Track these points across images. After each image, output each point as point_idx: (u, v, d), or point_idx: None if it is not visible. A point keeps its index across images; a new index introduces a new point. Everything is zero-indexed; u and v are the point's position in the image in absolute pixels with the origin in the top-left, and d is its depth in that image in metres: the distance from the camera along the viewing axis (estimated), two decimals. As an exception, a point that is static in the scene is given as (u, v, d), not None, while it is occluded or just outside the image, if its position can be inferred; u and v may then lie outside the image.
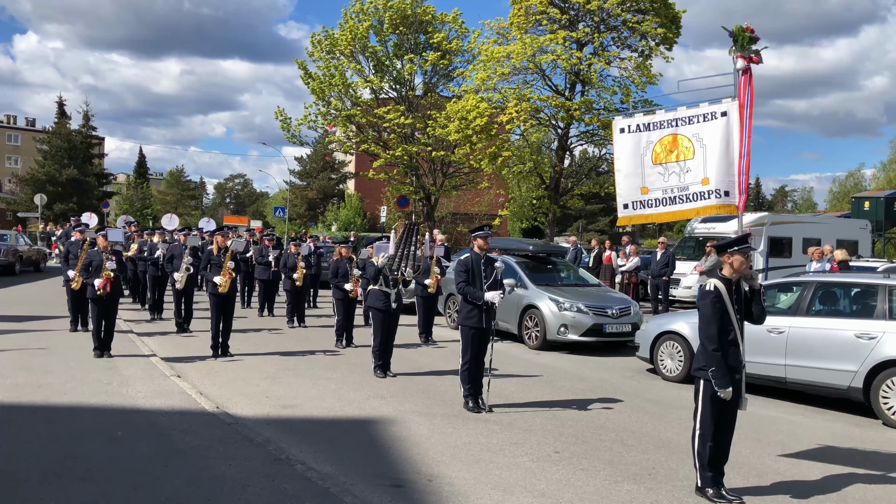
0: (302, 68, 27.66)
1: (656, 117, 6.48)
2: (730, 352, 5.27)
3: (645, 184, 6.49)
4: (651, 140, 6.45)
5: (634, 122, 6.61)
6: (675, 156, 6.27)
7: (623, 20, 22.60)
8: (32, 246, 26.05)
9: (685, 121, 6.28)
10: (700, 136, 6.20)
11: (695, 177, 6.24)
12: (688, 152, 6.22)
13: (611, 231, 63.86)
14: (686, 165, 6.25)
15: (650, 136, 6.46)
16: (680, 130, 6.30)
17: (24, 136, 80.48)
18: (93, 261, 9.93)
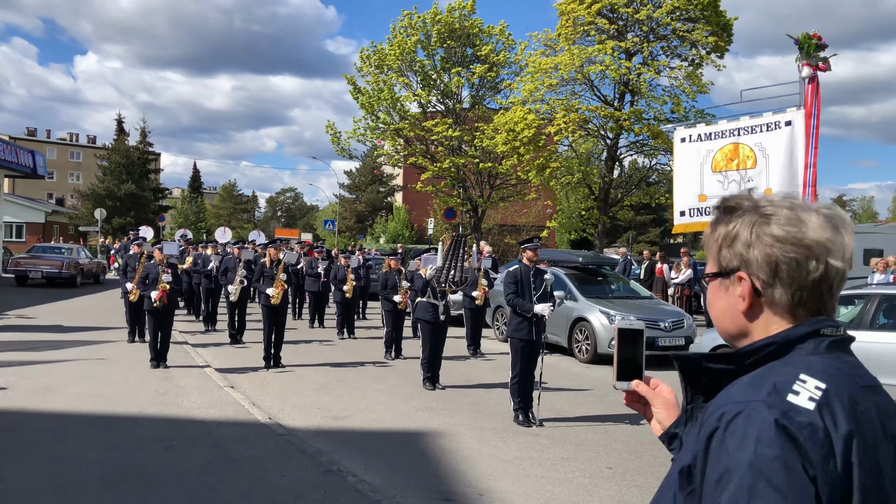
0: (351, 83, 28.02)
1: (718, 127, 6.38)
2: None
3: (703, 191, 6.41)
4: (711, 149, 6.33)
5: (696, 132, 6.53)
6: (736, 164, 6.17)
7: (673, 29, 22.31)
8: (93, 259, 26.90)
9: (747, 130, 6.14)
10: (763, 145, 6.03)
11: (756, 186, 6.04)
12: (749, 162, 6.09)
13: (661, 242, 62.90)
14: (747, 175, 6.12)
15: (711, 144, 6.35)
16: (742, 140, 6.16)
17: (86, 153, 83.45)
18: (149, 273, 10.19)
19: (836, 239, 1.19)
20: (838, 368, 1.16)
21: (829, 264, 1.18)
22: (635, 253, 32.76)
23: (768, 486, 1.00)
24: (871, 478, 1.06)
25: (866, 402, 1.13)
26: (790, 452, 1.02)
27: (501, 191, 29.30)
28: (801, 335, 1.19)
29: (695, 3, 21.60)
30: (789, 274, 1.18)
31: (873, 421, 1.11)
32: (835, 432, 1.05)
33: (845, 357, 1.21)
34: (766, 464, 1.01)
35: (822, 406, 1.07)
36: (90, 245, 38.28)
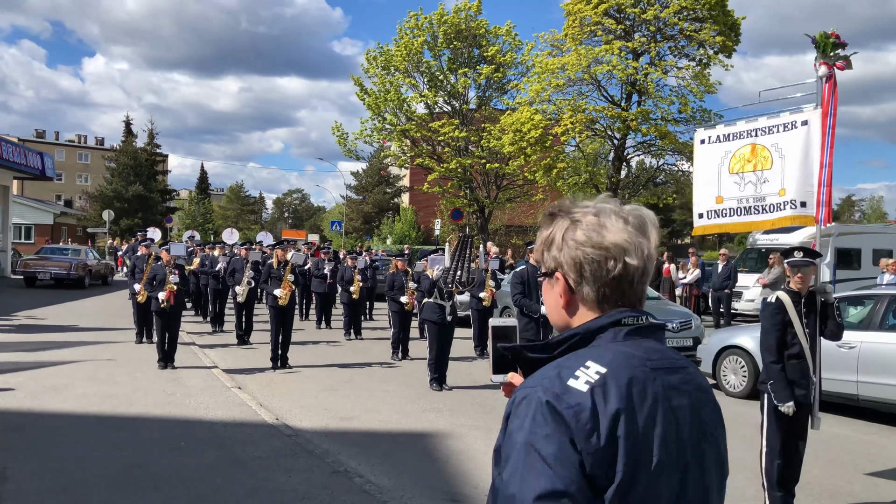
0: (358, 84, 28.06)
1: (736, 128, 6.29)
2: (791, 365, 5.08)
3: (720, 193, 6.33)
4: (729, 150, 6.28)
5: (715, 133, 6.45)
6: (753, 166, 6.08)
7: (680, 29, 22.25)
8: (101, 260, 27.00)
9: (765, 131, 6.08)
10: (779, 145, 5.98)
11: (772, 188, 5.99)
12: (766, 162, 6.01)
13: (669, 242, 62.72)
14: (763, 176, 6.04)
15: (729, 146, 6.29)
16: (759, 140, 6.10)
17: (94, 154, 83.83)
18: (157, 274, 10.22)
19: (634, 240, 1.34)
20: (629, 353, 1.29)
21: (627, 263, 1.33)
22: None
23: (539, 459, 1.16)
24: (639, 447, 1.20)
25: (651, 381, 1.26)
26: (557, 429, 1.18)
27: (508, 191, 29.29)
28: (602, 325, 1.34)
29: (702, 3, 21.53)
30: (592, 273, 1.34)
31: (655, 398, 1.25)
32: (603, 410, 1.19)
33: (644, 343, 1.33)
34: (537, 440, 1.18)
35: (596, 388, 1.21)
36: (98, 246, 38.45)
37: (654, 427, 1.23)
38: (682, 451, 1.27)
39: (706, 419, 1.35)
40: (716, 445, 1.35)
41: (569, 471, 1.16)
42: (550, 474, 1.15)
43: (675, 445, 1.26)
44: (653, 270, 1.38)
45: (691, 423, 1.31)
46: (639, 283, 1.36)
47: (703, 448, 1.32)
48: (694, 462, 1.29)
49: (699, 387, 1.36)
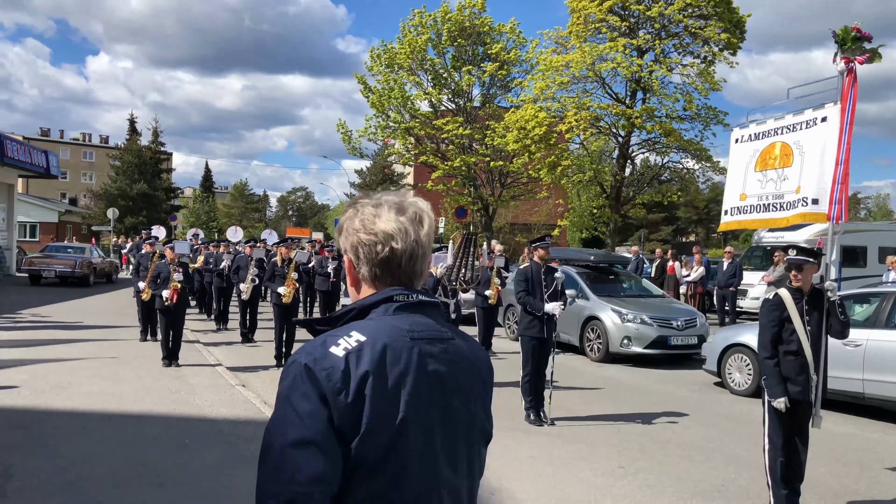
0: (361, 82, 28.04)
1: (766, 126, 6.33)
2: (788, 361, 5.08)
3: (744, 190, 6.39)
4: (757, 149, 6.32)
5: (748, 132, 6.47)
6: (776, 163, 6.12)
7: (685, 26, 22.19)
8: (105, 258, 27.05)
9: (790, 128, 6.10)
10: (800, 143, 5.99)
11: (790, 185, 6.02)
12: (788, 160, 6.04)
13: (673, 240, 62.65)
14: (784, 173, 6.06)
15: (758, 144, 6.33)
16: (784, 138, 6.12)
17: (98, 152, 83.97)
18: (161, 272, 10.23)
19: (402, 228, 1.54)
20: (393, 325, 1.49)
21: (393, 247, 1.53)
22: (647, 251, 32.61)
23: (294, 413, 1.37)
24: (385, 405, 1.39)
25: (408, 349, 1.46)
26: (311, 388, 1.37)
27: (512, 189, 29.26)
28: (375, 301, 1.53)
29: (707, 0, 21.46)
30: (365, 255, 1.55)
31: (409, 363, 1.44)
32: (354, 373, 1.38)
33: (413, 317, 1.52)
34: (294, 396, 1.38)
35: (351, 353, 1.40)
36: (103, 244, 38.52)
37: (402, 388, 1.43)
38: (432, 411, 1.47)
39: (463, 384, 1.55)
40: (468, 407, 1.56)
41: (318, 423, 1.35)
42: (301, 426, 1.35)
43: (426, 405, 1.45)
44: (424, 254, 1.58)
45: (445, 387, 1.50)
46: (407, 265, 1.55)
47: (456, 408, 1.52)
48: (443, 420, 1.49)
49: (462, 356, 1.57)
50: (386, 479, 1.40)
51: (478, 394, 1.60)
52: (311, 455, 1.34)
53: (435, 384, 1.48)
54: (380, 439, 1.39)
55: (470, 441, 1.58)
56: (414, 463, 1.43)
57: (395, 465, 1.41)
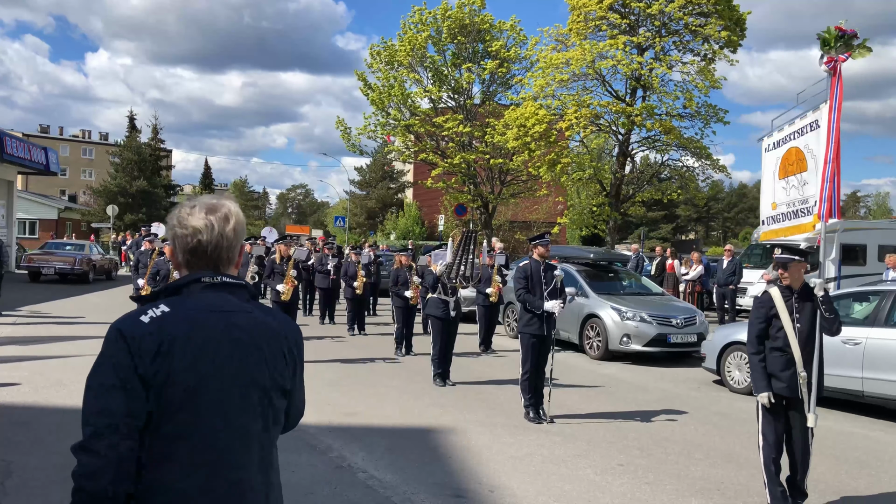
0: (361, 80, 28.02)
1: (784, 132, 6.23)
2: (774, 357, 5.14)
3: (774, 199, 6.34)
4: (778, 156, 6.26)
5: (773, 140, 6.39)
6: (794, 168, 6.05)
7: (685, 24, 22.16)
8: (105, 255, 27.03)
9: (799, 132, 6.04)
10: (809, 146, 5.93)
11: (812, 189, 5.89)
12: (803, 164, 5.95)
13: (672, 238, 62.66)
14: (803, 178, 5.97)
15: (778, 152, 6.28)
16: (796, 143, 6.05)
17: (98, 149, 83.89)
18: (160, 269, 10.22)
19: (208, 224, 1.89)
20: (197, 300, 1.85)
21: (199, 240, 1.89)
22: (646, 249, 32.60)
23: (108, 363, 1.73)
24: (181, 362, 1.74)
25: (207, 319, 1.82)
26: (121, 346, 1.73)
27: (512, 187, 29.24)
28: (186, 281, 1.88)
29: (707, -2, 21.44)
30: (179, 245, 1.91)
31: (206, 330, 1.80)
32: (156, 335, 1.73)
33: (216, 293, 1.88)
34: (107, 351, 1.75)
35: (155, 320, 1.76)
36: (102, 241, 38.50)
37: (198, 348, 1.77)
38: (227, 368, 1.81)
39: (262, 347, 1.88)
40: (264, 367, 1.87)
41: (124, 372, 1.71)
42: (111, 374, 1.72)
43: (221, 363, 1.80)
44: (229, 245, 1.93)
45: (240, 349, 1.84)
46: (213, 253, 1.91)
47: (252, 367, 1.85)
48: (238, 376, 1.82)
49: (262, 326, 1.90)
50: (188, 418, 1.75)
51: (277, 357, 1.91)
52: (118, 396, 1.70)
53: (230, 346, 1.82)
54: (180, 387, 1.74)
55: (264, 393, 1.88)
56: (210, 407, 1.78)
57: (195, 407, 1.76)
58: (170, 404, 1.73)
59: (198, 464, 1.75)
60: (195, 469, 1.75)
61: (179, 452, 1.74)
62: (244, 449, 1.83)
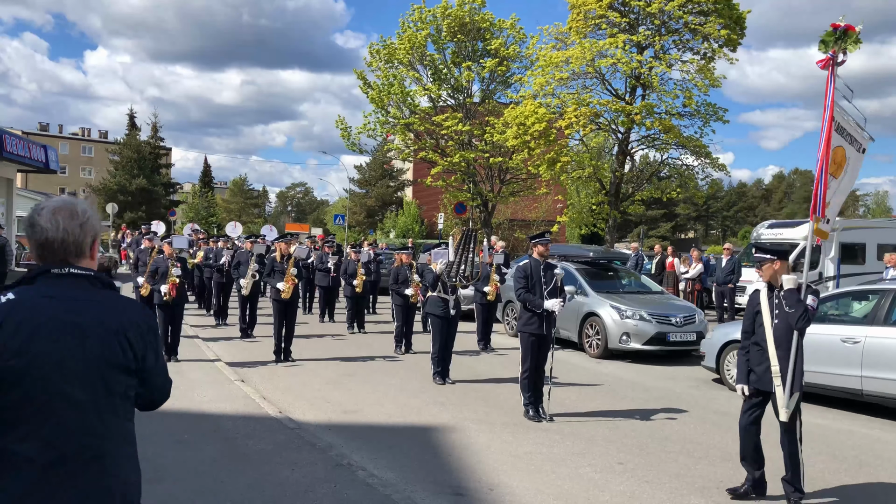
0: (361, 78, 27.98)
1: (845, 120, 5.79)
2: (754, 352, 5.42)
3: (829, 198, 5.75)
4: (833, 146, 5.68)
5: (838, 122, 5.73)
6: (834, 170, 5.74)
7: (685, 22, 22.14)
8: (104, 253, 27.02)
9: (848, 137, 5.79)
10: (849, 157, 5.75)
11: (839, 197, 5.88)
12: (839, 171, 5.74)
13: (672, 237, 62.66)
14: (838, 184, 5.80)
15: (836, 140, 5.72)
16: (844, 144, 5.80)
17: (98, 147, 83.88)
18: (159, 267, 10.23)
19: (54, 222, 2.12)
20: (44, 287, 2.10)
21: (47, 237, 2.12)
22: (646, 248, 32.59)
23: None
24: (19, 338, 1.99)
25: (48, 304, 2.06)
26: None
27: (512, 185, 29.22)
28: (36, 273, 2.13)
29: (707, -4, 21.43)
30: (33, 241, 2.15)
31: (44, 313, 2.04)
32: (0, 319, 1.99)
33: (63, 282, 2.12)
34: None
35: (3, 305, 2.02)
36: (102, 239, 38.49)
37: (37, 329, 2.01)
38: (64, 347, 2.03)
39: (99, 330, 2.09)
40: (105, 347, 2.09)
41: None
42: None
43: (57, 343, 2.02)
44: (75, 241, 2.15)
45: (80, 331, 2.06)
46: (60, 248, 2.13)
47: (90, 347, 2.07)
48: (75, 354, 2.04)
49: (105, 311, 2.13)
50: (22, 390, 1.98)
51: (117, 339, 2.12)
52: None
53: (67, 329, 2.04)
54: (16, 363, 1.98)
55: (100, 371, 2.09)
56: (43, 382, 2.00)
57: (29, 381, 1.99)
58: (6, 379, 1.97)
59: (34, 432, 1.99)
60: (31, 436, 1.99)
61: (17, 421, 1.99)
62: (79, 420, 2.04)
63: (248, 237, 18.15)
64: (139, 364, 2.17)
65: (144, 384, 2.23)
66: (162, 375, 2.31)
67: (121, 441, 2.15)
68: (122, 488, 2.14)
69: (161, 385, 2.33)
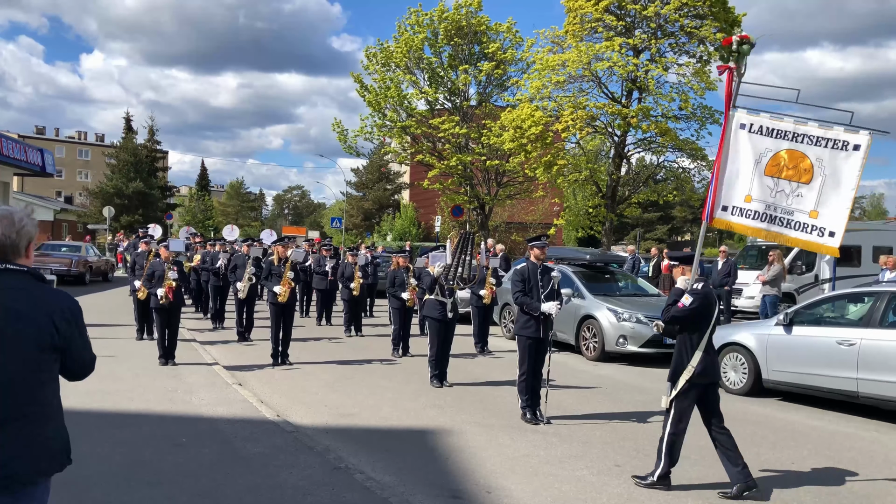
0: (358, 81, 28.03)
1: (783, 125, 5.78)
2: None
3: (751, 192, 5.88)
4: (770, 148, 5.80)
5: (759, 122, 5.87)
6: (791, 174, 5.72)
7: (681, 26, 22.23)
8: (101, 257, 26.99)
9: (813, 140, 5.67)
10: (824, 162, 5.63)
11: (804, 205, 5.70)
12: (805, 176, 5.66)
13: (668, 239, 62.75)
14: (798, 189, 5.71)
15: (771, 143, 5.81)
16: (803, 148, 5.70)
17: (94, 150, 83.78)
18: (156, 271, 10.23)
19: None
20: None
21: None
22: (642, 250, 32.64)
23: None
24: None
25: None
26: None
27: (509, 188, 29.29)
28: None
29: (703, 0, 21.50)
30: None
31: None
32: None
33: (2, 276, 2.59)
34: None
35: None
36: (98, 243, 38.43)
37: None
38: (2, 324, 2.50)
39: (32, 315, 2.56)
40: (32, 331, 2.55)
41: None
42: None
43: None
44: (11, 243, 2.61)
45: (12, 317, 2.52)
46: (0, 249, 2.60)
47: (21, 332, 2.53)
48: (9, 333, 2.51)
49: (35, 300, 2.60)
50: None
51: (45, 322, 2.58)
52: None
53: (8, 313, 2.51)
54: None
55: (30, 349, 2.56)
56: None
57: None
58: None
59: None
60: None
61: None
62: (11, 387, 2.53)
63: (244, 240, 18.13)
64: (65, 343, 2.64)
65: (71, 360, 2.73)
66: (87, 352, 2.81)
67: (45, 405, 2.69)
68: (47, 442, 2.70)
69: (87, 360, 2.83)
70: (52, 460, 2.74)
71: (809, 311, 9.28)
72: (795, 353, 8.93)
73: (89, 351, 2.83)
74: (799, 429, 7.86)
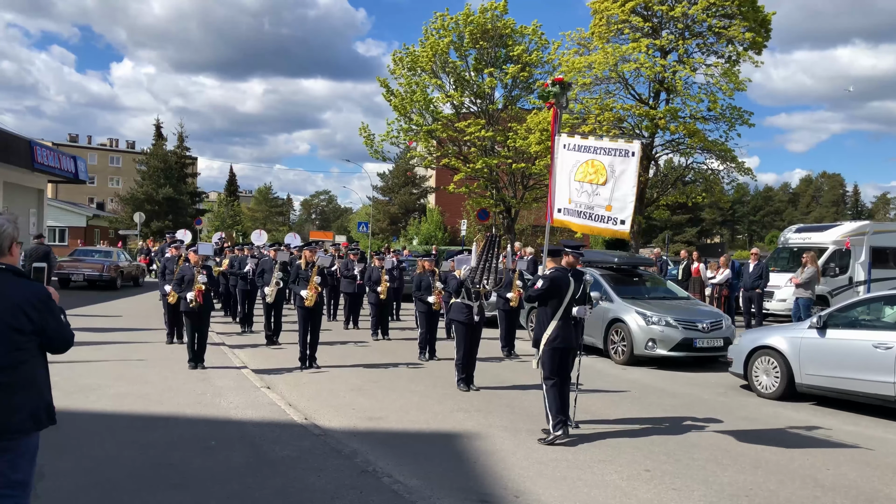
0: (384, 86, 28.13)
1: (588, 142, 7.84)
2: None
3: (570, 195, 7.85)
4: (579, 161, 7.74)
5: (573, 142, 7.94)
6: (592, 178, 7.57)
7: (709, 26, 21.98)
8: (132, 262, 27.39)
9: (606, 151, 7.54)
10: (613, 167, 7.43)
11: (601, 201, 7.53)
12: (600, 178, 7.49)
13: (698, 242, 62.06)
14: (596, 189, 7.54)
15: (579, 157, 7.76)
16: (600, 158, 7.54)
17: (125, 157, 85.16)
18: (185, 275, 10.34)
19: None
20: None
21: None
22: (671, 253, 32.28)
23: None
24: None
25: None
26: None
27: (535, 191, 29.13)
28: None
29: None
30: None
31: None
32: None
33: None
34: None
35: None
36: (129, 248, 39.02)
37: None
38: None
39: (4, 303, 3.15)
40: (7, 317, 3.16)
41: None
42: None
43: None
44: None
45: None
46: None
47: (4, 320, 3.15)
48: None
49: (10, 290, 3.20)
50: None
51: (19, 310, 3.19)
52: None
53: None
54: None
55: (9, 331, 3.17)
56: None
57: None
58: None
59: None
60: None
61: None
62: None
63: (271, 245, 18.26)
64: (39, 327, 3.26)
65: (48, 339, 3.36)
66: (64, 331, 3.41)
67: (23, 376, 3.28)
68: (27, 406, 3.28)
69: (65, 338, 3.45)
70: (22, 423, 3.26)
71: (844, 314, 9.07)
72: (830, 356, 8.74)
73: (67, 329, 3.41)
74: (834, 434, 7.69)
